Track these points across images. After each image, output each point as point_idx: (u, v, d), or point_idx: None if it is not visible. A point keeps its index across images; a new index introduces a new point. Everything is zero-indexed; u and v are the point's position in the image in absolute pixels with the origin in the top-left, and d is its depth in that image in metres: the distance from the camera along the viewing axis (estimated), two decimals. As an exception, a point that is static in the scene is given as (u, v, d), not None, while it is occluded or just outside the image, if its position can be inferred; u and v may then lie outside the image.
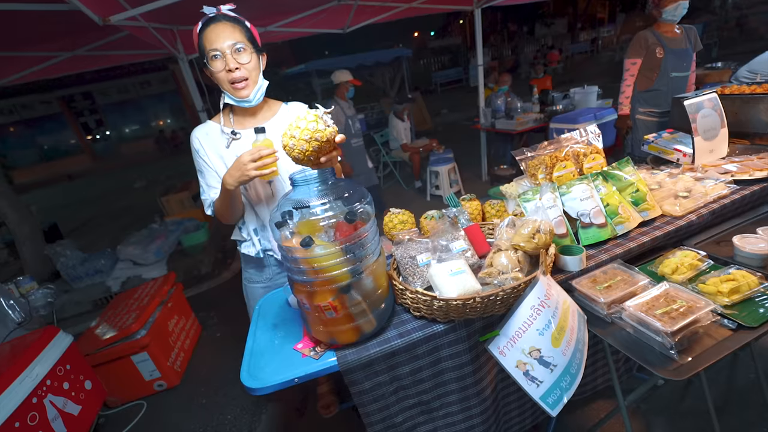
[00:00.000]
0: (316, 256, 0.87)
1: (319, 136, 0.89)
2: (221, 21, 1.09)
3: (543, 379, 0.91)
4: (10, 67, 2.89)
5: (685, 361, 0.86)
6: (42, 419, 1.52)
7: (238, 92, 1.14)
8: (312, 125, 0.89)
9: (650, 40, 2.58)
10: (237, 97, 1.15)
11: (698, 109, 1.67)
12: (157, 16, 2.42)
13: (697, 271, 1.12)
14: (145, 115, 18.44)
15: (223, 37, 1.08)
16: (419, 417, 1.11)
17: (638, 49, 2.62)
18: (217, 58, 1.09)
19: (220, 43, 1.08)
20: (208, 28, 1.08)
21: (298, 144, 0.90)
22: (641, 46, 2.61)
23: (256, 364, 1.02)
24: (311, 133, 0.89)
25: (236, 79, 1.11)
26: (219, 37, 1.08)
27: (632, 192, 1.34)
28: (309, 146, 0.90)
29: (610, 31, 21.12)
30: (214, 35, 1.08)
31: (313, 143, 0.90)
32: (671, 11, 2.47)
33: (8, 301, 2.15)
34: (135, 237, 3.89)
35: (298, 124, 0.91)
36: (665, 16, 2.51)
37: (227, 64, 1.09)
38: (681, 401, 1.52)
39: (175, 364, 2.37)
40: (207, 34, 1.08)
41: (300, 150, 0.91)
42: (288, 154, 0.94)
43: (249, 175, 1.03)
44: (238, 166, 1.03)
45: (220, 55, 1.08)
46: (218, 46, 1.07)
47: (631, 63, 2.67)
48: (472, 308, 0.95)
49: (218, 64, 1.09)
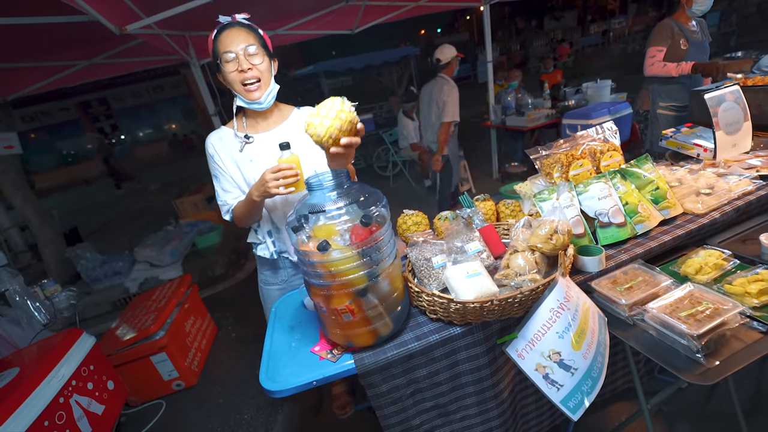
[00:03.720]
0: (333, 260, 0.87)
1: (343, 115, 0.91)
2: (235, 27, 1.13)
3: (564, 383, 0.90)
4: (33, 76, 2.99)
5: (713, 365, 0.83)
6: (69, 418, 1.57)
7: (250, 94, 1.16)
8: (338, 104, 0.91)
9: (675, 30, 2.49)
10: (248, 99, 1.17)
11: (719, 102, 1.62)
12: (170, 24, 2.46)
13: (723, 271, 1.08)
14: (158, 119, 18.86)
15: (236, 40, 1.11)
16: (436, 420, 1.10)
17: (665, 38, 2.51)
18: (230, 60, 1.12)
19: (234, 45, 1.11)
20: (223, 33, 1.12)
21: (322, 121, 0.91)
22: (667, 35, 2.51)
23: (275, 366, 1.03)
24: (336, 111, 0.91)
25: (248, 79, 1.13)
26: (232, 40, 1.11)
27: (652, 190, 1.31)
28: (332, 124, 0.91)
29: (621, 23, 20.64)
30: (228, 39, 1.11)
31: (336, 121, 0.91)
32: (700, 4, 2.40)
33: (34, 303, 2.23)
34: (151, 239, 3.98)
35: (324, 103, 0.93)
36: (694, 8, 2.43)
37: (240, 65, 1.12)
38: (706, 404, 1.48)
39: (193, 364, 2.41)
40: (221, 38, 1.12)
41: (324, 127, 0.91)
42: (309, 132, 0.94)
43: (270, 193, 1.04)
44: (261, 182, 1.05)
45: (233, 57, 1.11)
46: (232, 48, 1.11)
47: (657, 50, 2.54)
48: (490, 311, 0.94)
49: (231, 65, 1.12)
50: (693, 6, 2.43)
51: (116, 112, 17.99)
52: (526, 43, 20.93)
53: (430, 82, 3.12)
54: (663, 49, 2.53)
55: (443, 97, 2.98)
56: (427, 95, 3.11)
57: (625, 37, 18.78)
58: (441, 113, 3.02)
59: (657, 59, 2.55)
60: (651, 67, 2.58)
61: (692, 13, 2.49)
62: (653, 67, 2.56)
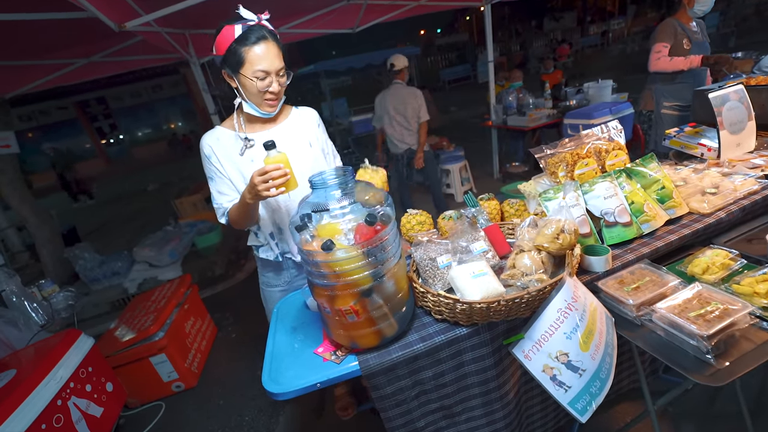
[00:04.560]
0: (337, 260, 0.86)
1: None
2: (269, 40, 1.09)
3: (571, 384, 0.89)
4: (30, 75, 2.96)
5: (723, 365, 0.82)
6: (66, 421, 1.55)
7: (267, 108, 1.18)
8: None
9: (678, 30, 2.48)
10: (263, 111, 1.18)
11: (724, 102, 1.61)
12: (169, 21, 2.44)
13: (730, 270, 1.07)
14: (157, 119, 18.78)
15: (272, 59, 1.10)
16: (441, 422, 1.09)
17: (669, 35, 2.49)
18: (264, 79, 1.12)
19: (271, 65, 1.10)
20: (257, 46, 1.07)
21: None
22: (671, 33, 2.49)
23: (277, 368, 1.02)
24: None
25: (272, 98, 1.16)
26: (269, 59, 1.09)
27: (657, 189, 1.30)
28: None
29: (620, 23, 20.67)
30: (264, 55, 1.08)
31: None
32: (702, 4, 2.39)
33: (32, 304, 2.20)
34: (150, 239, 3.96)
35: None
36: (696, 8, 2.42)
37: (271, 86, 1.13)
38: (712, 404, 1.47)
39: (192, 365, 2.39)
40: (254, 50, 1.07)
41: None
42: None
43: (262, 196, 1.00)
44: (252, 185, 1.01)
45: (266, 77, 1.11)
46: (267, 68, 1.10)
47: (663, 46, 2.50)
48: (497, 311, 0.93)
49: (264, 83, 1.12)
50: (695, 6, 2.43)
51: (115, 112, 17.89)
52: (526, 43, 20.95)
53: (391, 88, 3.28)
54: (668, 45, 2.50)
55: (418, 100, 3.18)
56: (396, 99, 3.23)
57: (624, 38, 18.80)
58: (419, 114, 3.20)
59: (663, 54, 2.50)
60: (657, 62, 2.52)
61: (693, 14, 2.48)
62: (659, 62, 2.51)
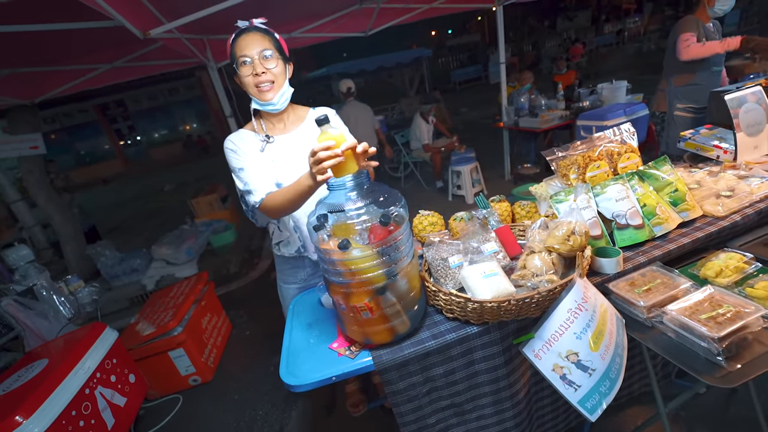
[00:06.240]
0: (353, 259, 0.90)
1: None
2: (252, 31, 1.16)
3: (581, 384, 0.90)
4: (57, 80, 3.11)
5: (734, 368, 0.83)
6: (93, 409, 1.63)
7: (262, 95, 1.18)
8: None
9: (699, 27, 2.42)
10: (261, 101, 1.20)
11: (741, 104, 1.59)
12: (189, 28, 2.52)
13: (744, 274, 1.07)
14: (173, 121, 19.27)
15: (252, 44, 1.15)
16: (452, 419, 1.12)
17: (693, 27, 2.42)
18: (246, 64, 1.15)
19: (250, 50, 1.14)
20: (240, 38, 1.15)
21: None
22: (694, 26, 2.42)
23: (294, 361, 1.06)
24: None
25: (261, 81, 1.17)
26: (249, 45, 1.15)
27: (670, 192, 1.30)
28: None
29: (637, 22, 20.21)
30: (245, 43, 1.15)
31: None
32: (723, 3, 2.34)
33: (60, 298, 2.31)
34: (168, 237, 4.08)
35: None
36: (716, 7, 2.37)
37: (255, 69, 1.15)
38: (726, 409, 1.45)
39: (209, 360, 2.47)
40: (239, 42, 1.15)
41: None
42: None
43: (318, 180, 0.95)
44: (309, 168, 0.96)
45: (249, 61, 1.15)
46: (248, 53, 1.14)
47: (690, 35, 2.40)
48: (507, 311, 0.95)
49: (246, 69, 1.16)
50: (715, 5, 2.37)
51: (133, 114, 18.46)
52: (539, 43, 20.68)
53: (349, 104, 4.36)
54: (695, 34, 2.41)
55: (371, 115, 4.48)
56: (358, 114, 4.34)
57: (640, 37, 18.37)
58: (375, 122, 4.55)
59: (692, 41, 2.40)
60: (688, 50, 2.42)
61: (714, 13, 2.43)
62: (690, 49, 2.41)
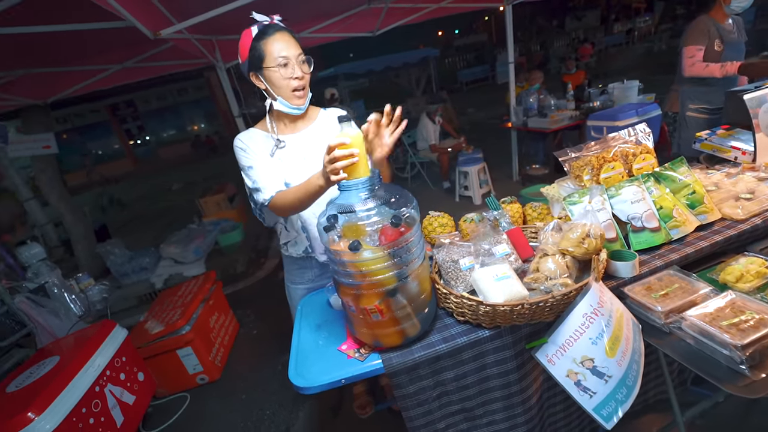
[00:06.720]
0: (364, 260, 0.88)
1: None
2: (284, 30, 1.12)
3: (596, 390, 0.88)
4: (69, 80, 3.16)
5: (759, 377, 0.80)
6: (103, 407, 1.65)
7: (297, 100, 1.17)
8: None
9: (711, 30, 2.36)
10: (293, 105, 1.18)
11: (760, 104, 1.55)
12: (199, 28, 2.54)
13: (766, 279, 1.03)
14: (182, 121, 19.53)
15: (290, 46, 1.11)
16: (462, 424, 1.10)
17: (702, 36, 2.38)
18: (287, 66, 1.12)
19: (290, 51, 1.11)
20: (273, 36, 1.10)
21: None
22: (703, 34, 2.37)
23: (303, 363, 1.05)
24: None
25: (299, 87, 1.15)
26: (288, 46, 1.11)
27: (688, 194, 1.26)
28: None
29: (647, 21, 19.91)
30: (283, 43, 1.11)
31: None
32: (740, 1, 2.27)
33: (71, 295, 2.34)
34: (176, 236, 4.12)
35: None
36: (733, 5, 2.30)
37: (294, 72, 1.13)
38: (745, 418, 1.41)
39: (216, 359, 2.48)
40: (272, 41, 1.10)
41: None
42: None
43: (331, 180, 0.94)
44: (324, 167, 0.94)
45: (289, 63, 1.12)
46: (288, 54, 1.11)
47: (696, 49, 2.38)
48: (520, 314, 0.93)
49: (286, 71, 1.13)
50: (732, 3, 2.31)
51: (142, 114, 18.72)
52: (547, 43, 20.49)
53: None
54: (702, 48, 2.39)
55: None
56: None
57: (651, 36, 18.09)
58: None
59: (697, 59, 2.40)
60: (692, 68, 2.42)
61: (730, 11, 2.36)
62: (694, 67, 2.41)
